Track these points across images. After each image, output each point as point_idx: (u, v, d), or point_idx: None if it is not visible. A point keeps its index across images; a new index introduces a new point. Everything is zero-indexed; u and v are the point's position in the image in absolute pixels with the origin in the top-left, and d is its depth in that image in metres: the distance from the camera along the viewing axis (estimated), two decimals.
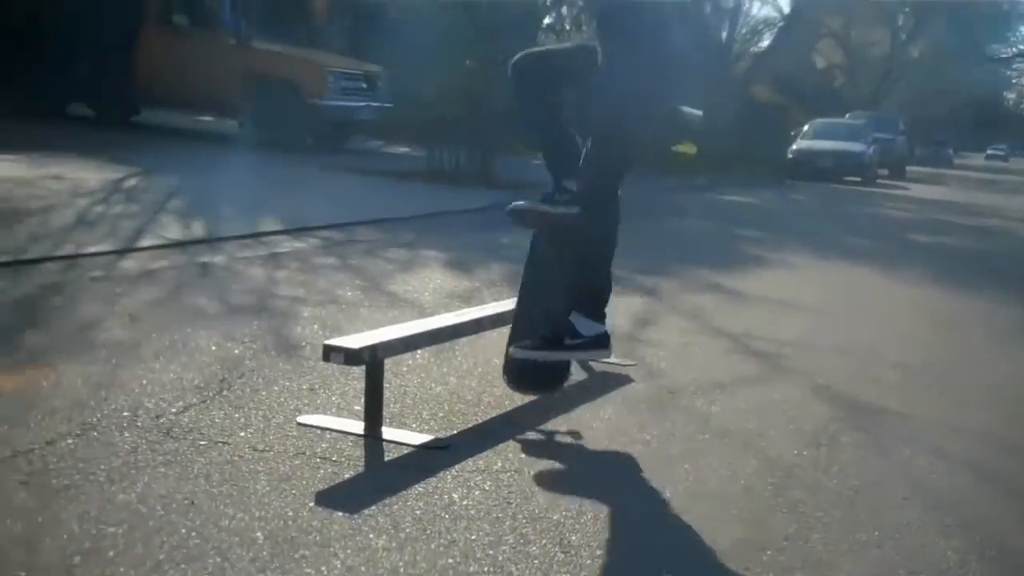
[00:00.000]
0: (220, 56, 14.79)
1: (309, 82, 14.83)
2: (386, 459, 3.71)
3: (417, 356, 4.75)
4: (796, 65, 37.97)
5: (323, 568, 2.83)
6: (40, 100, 14.85)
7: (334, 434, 3.83)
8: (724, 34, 28.54)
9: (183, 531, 2.98)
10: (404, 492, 3.38)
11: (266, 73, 14.78)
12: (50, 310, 5.32)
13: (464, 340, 4.92)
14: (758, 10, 35.62)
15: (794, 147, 26.88)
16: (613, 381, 4.87)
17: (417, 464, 3.66)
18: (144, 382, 4.21)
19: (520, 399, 4.45)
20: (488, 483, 3.51)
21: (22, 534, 2.89)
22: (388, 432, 3.87)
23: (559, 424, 4.19)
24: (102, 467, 3.36)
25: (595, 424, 4.24)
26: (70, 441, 3.54)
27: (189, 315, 5.39)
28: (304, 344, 5.00)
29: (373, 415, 3.87)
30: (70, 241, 6.80)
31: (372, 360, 3.85)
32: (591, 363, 5.09)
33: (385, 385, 3.99)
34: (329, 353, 3.81)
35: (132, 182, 9.81)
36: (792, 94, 33.87)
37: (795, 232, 13.14)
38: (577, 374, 4.95)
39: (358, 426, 3.88)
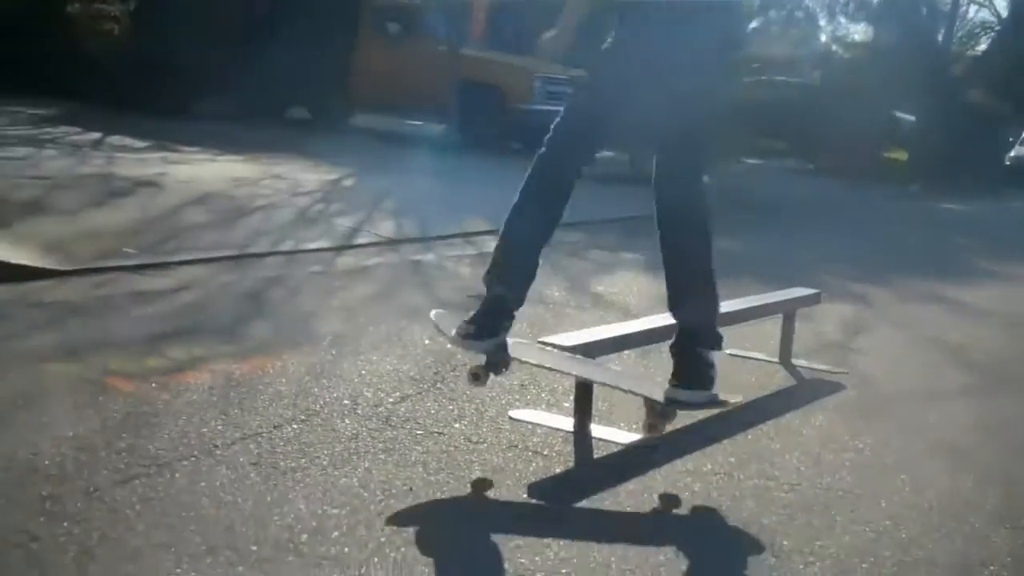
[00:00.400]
0: (429, 62, 15.17)
1: (514, 87, 15.04)
2: (595, 456, 3.75)
3: (624, 356, 4.76)
4: (1015, 69, 36.22)
5: (537, 559, 2.88)
6: (262, 104, 15.57)
7: (545, 429, 3.89)
8: (940, 36, 27.48)
9: (402, 516, 3.08)
10: (613, 489, 3.41)
11: (473, 78, 15.08)
12: (274, 302, 5.58)
13: (667, 343, 4.90)
14: (975, 13, 34.01)
15: (1011, 154, 25.64)
16: (824, 388, 4.78)
17: (626, 462, 3.68)
18: (363, 372, 4.37)
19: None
20: (697, 485, 3.50)
21: (253, 512, 3.05)
22: (597, 430, 3.90)
23: (769, 429, 4.14)
24: (325, 452, 3.51)
25: (805, 431, 4.17)
26: (295, 426, 3.71)
27: (403, 310, 5.56)
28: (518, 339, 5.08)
29: (583, 412, 3.91)
30: (290, 237, 7.11)
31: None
32: (800, 370, 5.01)
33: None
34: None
35: (347, 182, 10.18)
36: (1010, 99, 32.33)
37: (1014, 242, 12.54)
38: (787, 380, 4.88)
39: (568, 423, 3.93)
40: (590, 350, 3.94)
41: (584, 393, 3.93)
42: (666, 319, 4.57)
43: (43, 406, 3.73)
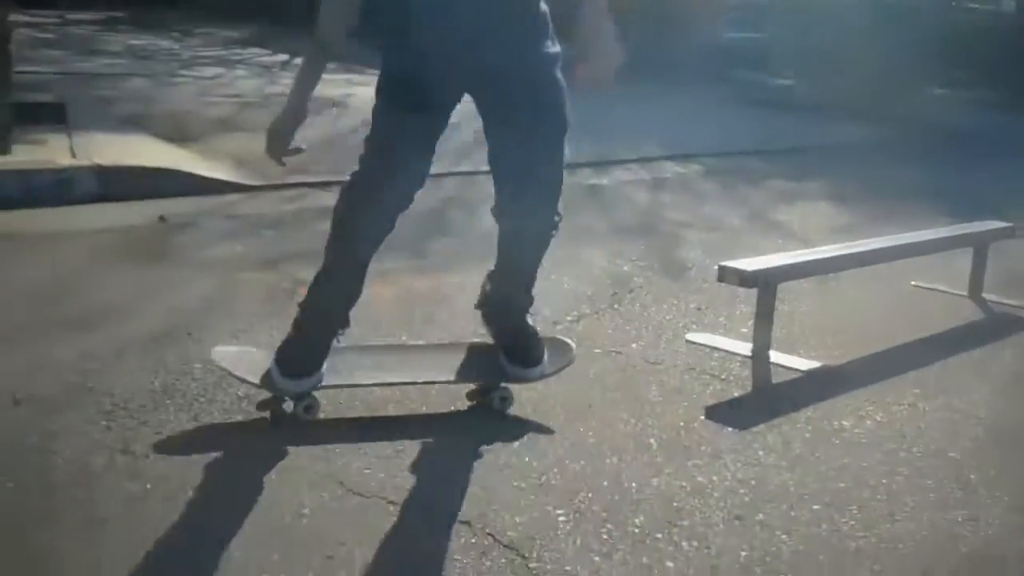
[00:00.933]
0: None
1: (698, 14, 14.78)
2: (774, 382, 3.72)
3: (803, 284, 4.67)
4: None
5: (714, 478, 2.89)
6: None
7: (721, 353, 3.88)
8: None
9: (581, 430, 3.13)
10: (793, 415, 3.38)
11: (656, 6, 14.85)
12: (452, 221, 5.67)
13: (849, 273, 4.79)
14: None
15: None
16: (1016, 324, 4.60)
17: (805, 389, 3.64)
18: (541, 291, 4.41)
19: (913, 334, 4.30)
20: (880, 414, 3.44)
21: (438, 419, 3.14)
22: (776, 356, 3.86)
23: (956, 362, 4.02)
24: None
25: (995, 366, 4.03)
26: (475, 339, 3.79)
27: (580, 232, 5.58)
28: (691, 266, 5.07)
29: (762, 338, 3.88)
30: (468, 159, 7.18)
31: (765, 284, 3.85)
32: (990, 304, 4.85)
33: None
34: (724, 274, 3.84)
35: None
36: None
37: None
38: (975, 314, 4.72)
39: (746, 347, 3.91)
40: (770, 276, 3.89)
41: (765, 319, 3.89)
42: (849, 248, 4.50)
43: (239, 313, 3.91)
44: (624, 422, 3.21)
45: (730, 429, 3.22)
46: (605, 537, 2.53)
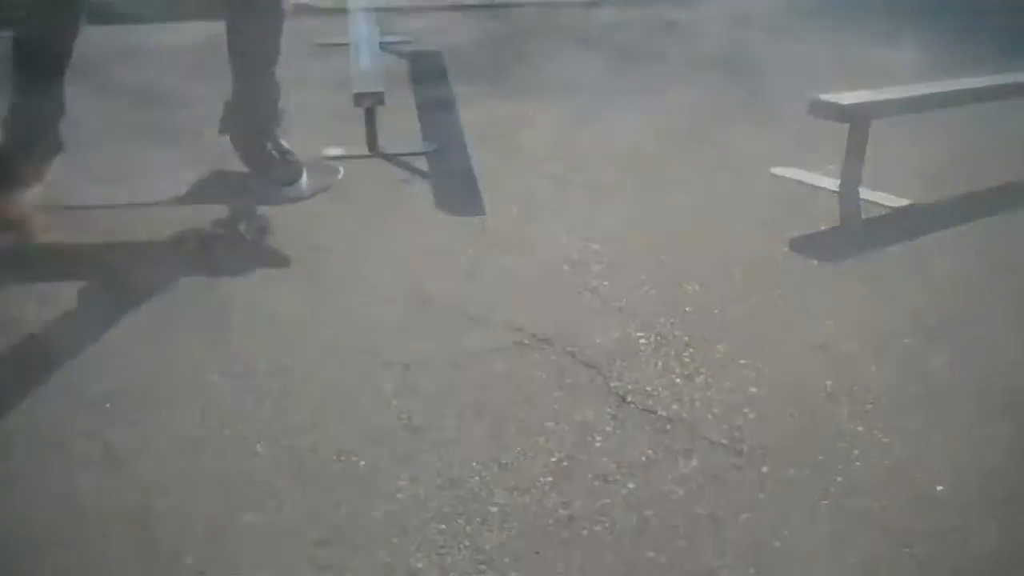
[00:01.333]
0: None
1: None
2: (863, 217, 3.59)
3: (895, 123, 4.48)
4: None
5: (799, 308, 2.81)
6: None
7: (808, 188, 3.75)
8: None
9: (663, 258, 3.05)
10: (882, 250, 3.26)
11: None
12: (529, 51, 5.51)
13: (943, 113, 4.57)
14: None
15: None
16: None
17: (895, 225, 3.51)
18: (620, 121, 4.30)
19: (1008, 178, 4.13)
20: (971, 253, 3.30)
21: (517, 238, 3.09)
22: (865, 192, 3.73)
23: None
24: (586, 192, 3.53)
25: None
26: (554, 164, 3.72)
27: (657, 65, 5.40)
28: (775, 102, 4.87)
29: (852, 173, 3.74)
30: None
31: (860, 118, 3.69)
32: None
33: None
34: (816, 108, 3.68)
35: None
36: None
37: None
38: None
39: (833, 183, 3.77)
40: (865, 110, 3.73)
41: (856, 154, 3.74)
42: (949, 86, 4.30)
43: (313, 130, 3.85)
44: (707, 251, 3.12)
45: (816, 262, 3.12)
46: (687, 360, 2.48)
